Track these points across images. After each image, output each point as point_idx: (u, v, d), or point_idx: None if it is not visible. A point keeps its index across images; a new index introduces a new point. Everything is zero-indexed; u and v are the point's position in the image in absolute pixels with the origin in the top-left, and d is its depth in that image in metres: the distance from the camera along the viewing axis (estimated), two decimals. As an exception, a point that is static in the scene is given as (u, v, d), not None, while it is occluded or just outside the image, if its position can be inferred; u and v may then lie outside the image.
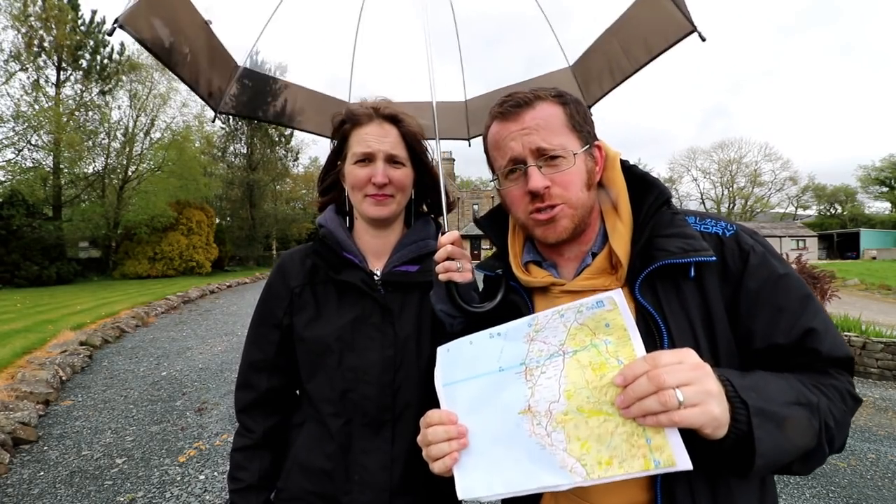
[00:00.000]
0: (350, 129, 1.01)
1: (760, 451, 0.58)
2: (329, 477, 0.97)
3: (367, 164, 0.99)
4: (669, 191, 0.82)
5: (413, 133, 1.04)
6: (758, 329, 0.73)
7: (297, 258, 1.07)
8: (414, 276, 1.04)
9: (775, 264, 0.76)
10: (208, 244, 23.11)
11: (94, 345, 7.19)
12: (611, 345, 0.63)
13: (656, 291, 0.75)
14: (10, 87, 18.24)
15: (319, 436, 1.00)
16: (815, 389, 0.68)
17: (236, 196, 29.02)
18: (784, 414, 0.62)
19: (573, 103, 0.82)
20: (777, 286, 0.74)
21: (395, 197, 1.02)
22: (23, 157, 18.89)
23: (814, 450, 0.65)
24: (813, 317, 0.72)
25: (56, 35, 18.97)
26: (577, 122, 0.81)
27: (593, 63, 1.76)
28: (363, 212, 1.02)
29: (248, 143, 29.92)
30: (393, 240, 1.08)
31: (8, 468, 3.50)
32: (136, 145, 22.47)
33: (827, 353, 0.71)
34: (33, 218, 18.07)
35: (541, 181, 0.78)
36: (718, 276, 0.75)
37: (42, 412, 4.56)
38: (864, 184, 46.94)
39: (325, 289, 1.03)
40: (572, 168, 0.79)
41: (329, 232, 1.03)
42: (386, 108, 1.03)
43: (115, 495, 3.16)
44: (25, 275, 17.27)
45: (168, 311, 11.06)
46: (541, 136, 0.78)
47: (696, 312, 0.74)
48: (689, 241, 0.74)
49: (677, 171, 63.63)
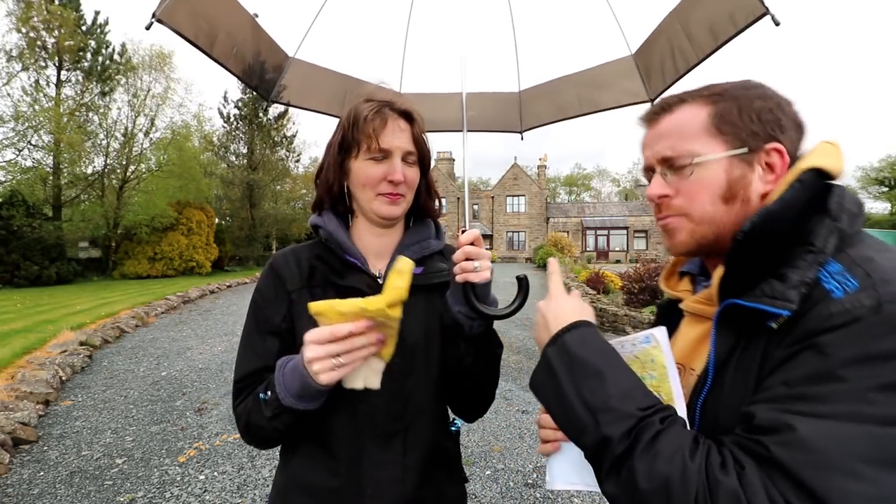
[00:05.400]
0: (363, 123, 0.94)
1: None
2: (337, 495, 0.92)
3: (383, 161, 0.94)
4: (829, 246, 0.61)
5: (422, 132, 1.00)
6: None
7: (290, 260, 0.99)
8: (418, 279, 0.97)
9: (858, 373, 0.51)
10: (208, 244, 23.09)
11: (94, 345, 7.18)
12: (654, 380, 0.67)
13: (736, 333, 0.64)
14: (10, 87, 18.28)
15: (322, 453, 0.94)
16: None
17: (236, 196, 28.98)
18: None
19: (736, 100, 0.69)
20: (815, 380, 0.53)
21: (405, 196, 0.97)
22: (23, 157, 18.91)
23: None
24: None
25: (58, 36, 18.99)
26: (729, 122, 0.68)
27: (655, 51, 1.64)
28: (374, 210, 0.96)
29: (249, 143, 29.92)
30: (394, 240, 1.03)
31: (8, 468, 3.50)
32: (136, 146, 22.47)
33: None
34: (33, 218, 18.04)
35: (656, 189, 0.72)
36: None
37: (42, 412, 4.56)
38: (863, 184, 47.01)
39: (323, 292, 0.96)
40: (699, 176, 0.68)
41: (330, 234, 0.97)
42: (402, 103, 0.97)
43: (115, 495, 3.16)
44: (25, 275, 17.26)
45: (168, 312, 11.05)
46: (669, 142, 0.71)
47: (753, 378, 0.61)
48: (774, 286, 0.60)
49: (677, 171, 63.35)
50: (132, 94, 22.01)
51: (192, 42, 1.31)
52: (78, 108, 20.27)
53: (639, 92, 1.76)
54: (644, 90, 1.75)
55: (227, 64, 1.46)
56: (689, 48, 1.49)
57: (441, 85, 1.93)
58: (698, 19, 1.45)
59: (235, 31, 1.48)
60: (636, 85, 1.76)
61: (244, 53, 1.53)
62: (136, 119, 22.31)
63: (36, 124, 18.28)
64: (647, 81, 1.71)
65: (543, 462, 3.58)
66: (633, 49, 1.74)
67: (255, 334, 0.97)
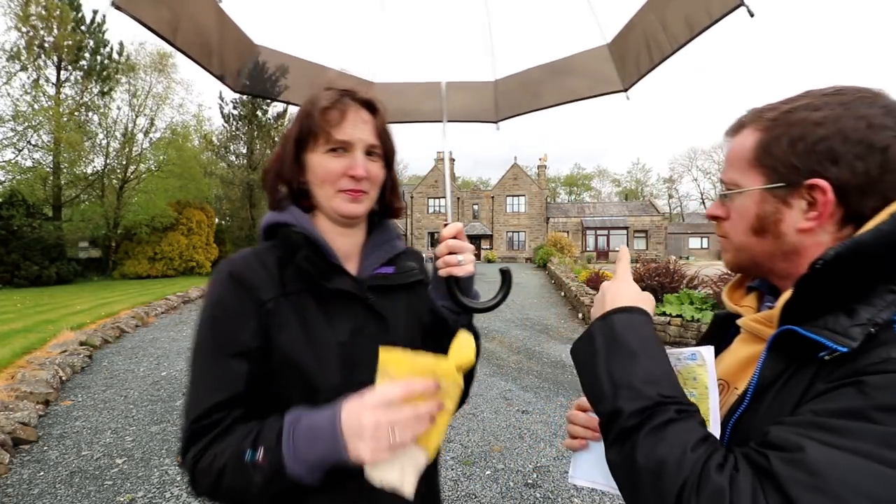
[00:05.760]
0: (321, 113, 0.85)
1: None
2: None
3: (343, 155, 0.86)
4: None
5: (386, 124, 0.92)
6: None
7: (255, 264, 0.85)
8: (395, 279, 0.95)
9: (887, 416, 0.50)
10: (208, 244, 23.12)
11: (94, 345, 7.18)
12: (693, 398, 0.66)
13: (787, 360, 0.62)
14: (10, 87, 18.29)
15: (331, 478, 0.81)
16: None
17: (236, 196, 28.98)
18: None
19: (788, 127, 0.65)
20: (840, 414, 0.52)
21: (369, 193, 0.90)
22: (23, 156, 18.94)
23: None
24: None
25: (57, 35, 18.99)
26: (771, 154, 0.66)
27: (631, 41, 1.64)
28: (335, 208, 0.88)
29: (248, 142, 29.92)
30: (358, 240, 0.96)
31: (8, 468, 3.50)
32: (136, 146, 22.49)
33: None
34: (33, 218, 18.07)
35: (710, 209, 0.77)
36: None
37: (42, 412, 4.56)
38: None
39: (299, 299, 0.84)
40: (736, 205, 0.72)
41: (308, 232, 0.87)
42: (364, 92, 0.90)
43: (115, 495, 3.16)
44: (25, 275, 17.28)
45: (168, 311, 11.05)
46: (726, 166, 0.75)
47: (791, 406, 0.59)
48: (839, 320, 0.58)
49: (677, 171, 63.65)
50: (132, 94, 22.05)
51: (153, 30, 1.25)
52: (78, 107, 20.28)
53: (613, 81, 1.75)
54: (619, 79, 1.74)
55: (190, 52, 1.39)
56: (663, 38, 1.49)
57: (416, 74, 1.88)
58: (673, 9, 1.45)
59: (199, 18, 1.41)
60: (611, 74, 1.75)
61: (208, 41, 1.46)
62: (136, 119, 22.35)
63: (35, 124, 18.31)
64: (622, 70, 1.70)
65: (543, 462, 3.58)
66: (609, 38, 1.73)
67: (214, 358, 0.79)
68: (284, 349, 0.81)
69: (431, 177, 40.85)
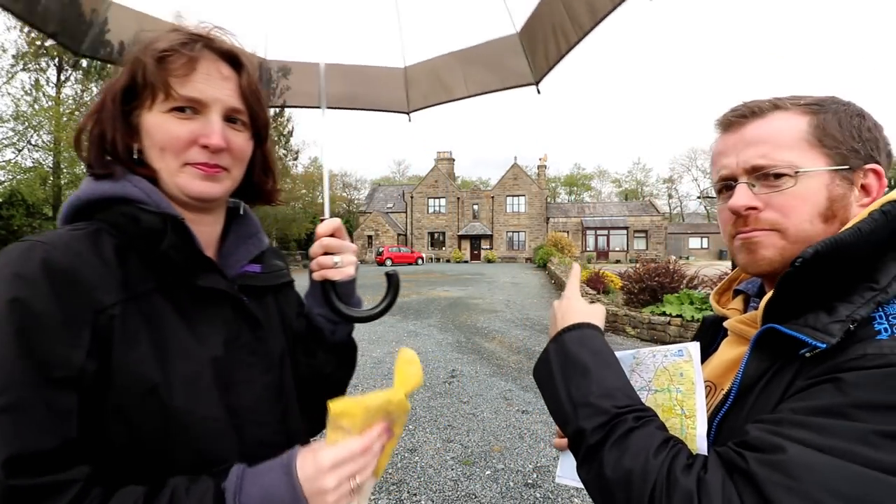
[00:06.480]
0: (161, 59, 0.65)
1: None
2: None
3: (192, 118, 0.66)
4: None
5: (256, 86, 0.72)
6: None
7: (87, 255, 0.59)
8: (264, 279, 0.80)
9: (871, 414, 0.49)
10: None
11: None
12: (680, 394, 0.68)
13: (771, 358, 0.62)
14: (10, 86, 18.33)
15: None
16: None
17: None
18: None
19: (836, 113, 0.64)
20: (818, 411, 0.51)
21: (230, 172, 0.71)
22: (23, 156, 18.98)
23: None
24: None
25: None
26: (829, 135, 0.64)
27: (538, 29, 1.60)
28: (181, 187, 0.67)
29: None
30: (215, 230, 0.77)
31: (7, 468, 3.49)
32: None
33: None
34: (33, 218, 18.09)
35: (743, 199, 0.65)
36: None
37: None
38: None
39: (150, 302, 0.63)
40: (799, 189, 0.63)
41: (163, 209, 0.66)
42: (226, 41, 0.71)
43: (114, 495, 3.15)
44: (25, 275, 17.31)
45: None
46: (760, 150, 0.65)
47: (773, 403, 0.59)
48: (819, 317, 0.58)
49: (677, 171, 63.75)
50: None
51: None
52: (78, 107, 20.31)
53: (524, 74, 1.72)
54: (529, 72, 1.71)
55: (13, 8, 1.17)
56: (569, 26, 1.47)
57: (310, 54, 1.71)
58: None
59: None
60: (522, 66, 1.71)
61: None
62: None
63: (36, 124, 18.35)
64: (532, 62, 1.66)
65: (543, 462, 3.58)
66: (518, 27, 1.67)
67: (30, 388, 0.53)
68: (134, 374, 0.59)
69: (431, 177, 40.89)
